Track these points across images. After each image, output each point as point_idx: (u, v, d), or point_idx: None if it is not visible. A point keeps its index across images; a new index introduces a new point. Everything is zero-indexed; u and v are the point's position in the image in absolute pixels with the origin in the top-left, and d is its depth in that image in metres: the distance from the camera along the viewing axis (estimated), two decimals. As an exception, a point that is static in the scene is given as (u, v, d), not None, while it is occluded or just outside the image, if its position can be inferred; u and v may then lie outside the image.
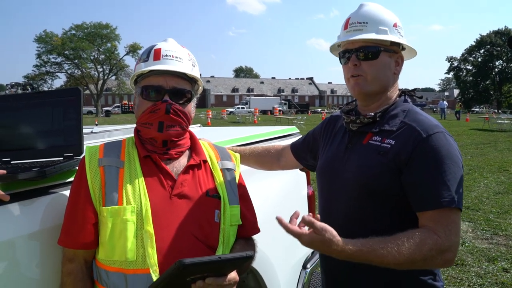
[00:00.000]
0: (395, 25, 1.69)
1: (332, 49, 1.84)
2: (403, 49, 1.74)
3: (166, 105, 1.55)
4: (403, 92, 1.77)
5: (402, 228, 1.55)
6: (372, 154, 1.62)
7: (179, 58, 1.61)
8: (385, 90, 1.70)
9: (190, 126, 1.70)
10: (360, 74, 1.66)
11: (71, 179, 1.61)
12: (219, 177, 1.68)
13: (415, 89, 1.83)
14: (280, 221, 1.41)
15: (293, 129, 3.30)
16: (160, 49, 1.61)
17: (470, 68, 77.35)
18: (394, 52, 1.70)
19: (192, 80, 1.65)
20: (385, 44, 1.67)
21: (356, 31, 1.68)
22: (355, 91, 1.70)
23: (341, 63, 1.77)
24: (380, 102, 1.71)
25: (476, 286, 4.39)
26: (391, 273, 1.53)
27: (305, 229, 1.43)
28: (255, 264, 2.13)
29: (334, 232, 1.42)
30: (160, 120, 1.56)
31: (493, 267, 4.82)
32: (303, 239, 1.42)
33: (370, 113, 1.69)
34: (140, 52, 1.70)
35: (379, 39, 1.65)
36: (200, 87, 1.73)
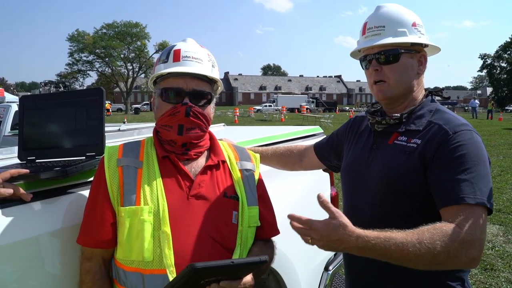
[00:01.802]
0: (414, 25, 1.65)
1: (353, 54, 1.81)
2: (426, 46, 1.69)
3: (186, 108, 1.54)
4: (430, 92, 1.73)
5: None
6: (398, 154, 1.59)
7: (199, 59, 1.60)
8: (410, 92, 1.66)
9: (213, 125, 1.69)
10: (383, 80, 1.64)
11: (92, 178, 1.62)
12: (237, 177, 1.67)
13: (443, 88, 1.78)
14: (292, 217, 1.42)
15: (317, 129, 3.26)
16: (179, 50, 1.60)
17: (505, 65, 75.01)
18: (416, 52, 1.66)
19: (211, 81, 1.64)
20: (405, 45, 1.62)
21: (374, 36, 1.65)
22: (379, 98, 1.68)
23: (362, 68, 1.74)
24: (406, 104, 1.68)
25: (506, 291, 4.25)
26: (418, 277, 1.49)
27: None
28: (276, 265, 2.11)
29: (348, 220, 1.38)
30: (179, 123, 1.55)
31: (525, 272, 4.65)
32: (316, 226, 1.38)
33: (396, 114, 1.65)
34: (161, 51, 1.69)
35: (397, 42, 1.61)
36: (219, 87, 1.72)
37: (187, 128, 1.57)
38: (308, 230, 1.41)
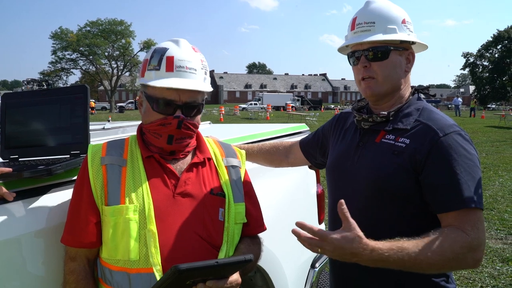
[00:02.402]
0: (403, 22, 1.64)
1: (341, 49, 1.79)
2: (413, 43, 1.69)
3: (178, 121, 1.51)
4: (416, 90, 1.73)
5: (415, 228, 1.52)
6: (386, 153, 1.59)
7: (193, 69, 1.53)
8: (397, 89, 1.66)
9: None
10: (371, 76, 1.62)
11: (76, 177, 1.60)
12: (224, 174, 1.67)
13: (429, 86, 1.79)
14: (302, 225, 1.36)
15: (303, 126, 3.27)
16: (172, 57, 1.51)
17: (487, 64, 76.13)
18: (405, 49, 1.65)
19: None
20: (394, 42, 1.62)
21: (363, 32, 1.63)
22: (367, 94, 1.66)
23: (350, 64, 1.73)
24: (393, 101, 1.67)
25: (489, 287, 4.32)
26: (404, 273, 1.50)
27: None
28: (263, 263, 2.11)
29: (361, 232, 1.36)
30: (170, 134, 1.53)
31: (507, 268, 4.74)
32: (331, 238, 1.33)
33: (383, 112, 1.65)
34: (150, 51, 1.59)
35: (387, 39, 1.60)
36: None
37: (177, 139, 1.55)
38: (320, 242, 1.36)
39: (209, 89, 1.58)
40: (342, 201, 1.36)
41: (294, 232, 1.37)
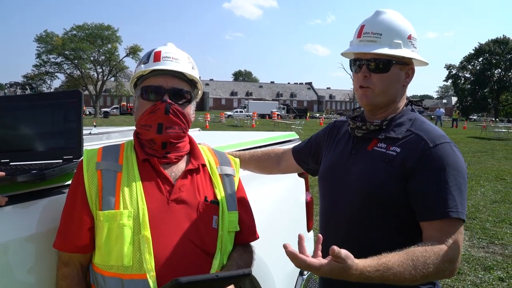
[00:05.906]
0: (409, 37, 1.66)
1: (344, 52, 1.79)
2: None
3: (166, 105, 1.54)
4: (410, 101, 1.77)
5: (405, 236, 1.55)
6: (377, 161, 1.62)
7: (178, 60, 1.61)
8: (393, 102, 1.69)
9: (189, 130, 1.69)
10: (369, 86, 1.65)
11: (70, 182, 1.60)
12: (218, 182, 1.68)
13: (422, 99, 1.83)
14: (292, 255, 1.26)
15: (292, 135, 3.29)
16: (160, 51, 1.61)
17: (469, 76, 77.73)
18: (406, 64, 1.67)
19: (191, 83, 1.65)
20: (397, 57, 1.63)
21: (369, 42, 1.64)
22: (363, 102, 1.69)
23: (351, 70, 1.75)
24: (388, 112, 1.70)
25: (472, 295, 4.39)
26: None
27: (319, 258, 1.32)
28: (252, 270, 2.12)
29: (352, 257, 1.32)
30: (159, 122, 1.55)
31: (489, 276, 4.81)
32: (323, 269, 1.29)
33: (377, 121, 1.68)
34: (141, 54, 1.69)
35: (392, 54, 1.61)
36: (200, 91, 1.73)
37: (167, 127, 1.56)
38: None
39: (196, 75, 1.65)
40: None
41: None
